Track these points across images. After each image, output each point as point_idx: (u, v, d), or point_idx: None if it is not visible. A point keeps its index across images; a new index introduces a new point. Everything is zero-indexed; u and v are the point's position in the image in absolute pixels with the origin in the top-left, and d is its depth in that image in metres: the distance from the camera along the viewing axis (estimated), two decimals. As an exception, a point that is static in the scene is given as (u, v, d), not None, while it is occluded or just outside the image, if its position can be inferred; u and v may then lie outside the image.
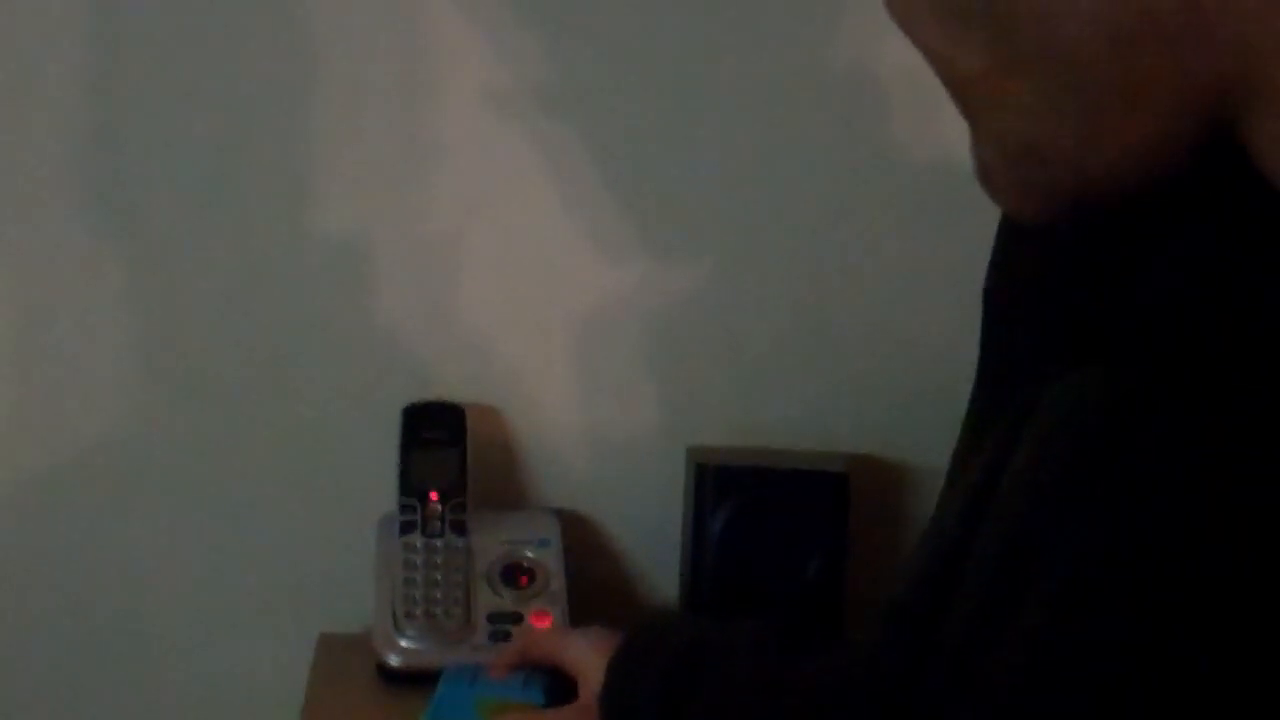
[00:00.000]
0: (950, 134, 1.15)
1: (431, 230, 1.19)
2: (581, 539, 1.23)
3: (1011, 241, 0.66)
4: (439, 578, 1.14)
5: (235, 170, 1.17)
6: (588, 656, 0.99)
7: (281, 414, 1.21)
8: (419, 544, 1.16)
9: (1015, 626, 0.53)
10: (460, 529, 1.17)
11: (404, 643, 1.12)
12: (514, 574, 1.17)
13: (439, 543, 1.16)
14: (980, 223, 1.17)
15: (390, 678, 1.13)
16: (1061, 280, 0.61)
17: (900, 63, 1.15)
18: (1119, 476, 0.52)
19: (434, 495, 1.17)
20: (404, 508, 1.17)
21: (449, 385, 1.21)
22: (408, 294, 1.21)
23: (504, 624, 1.14)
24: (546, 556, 1.18)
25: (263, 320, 1.20)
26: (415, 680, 1.10)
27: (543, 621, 1.13)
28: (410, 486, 1.17)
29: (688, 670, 0.86)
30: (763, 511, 1.17)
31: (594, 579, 1.23)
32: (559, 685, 1.04)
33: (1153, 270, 0.57)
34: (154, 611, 1.24)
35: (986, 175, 0.61)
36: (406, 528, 1.16)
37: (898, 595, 0.65)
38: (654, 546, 1.24)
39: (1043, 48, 0.55)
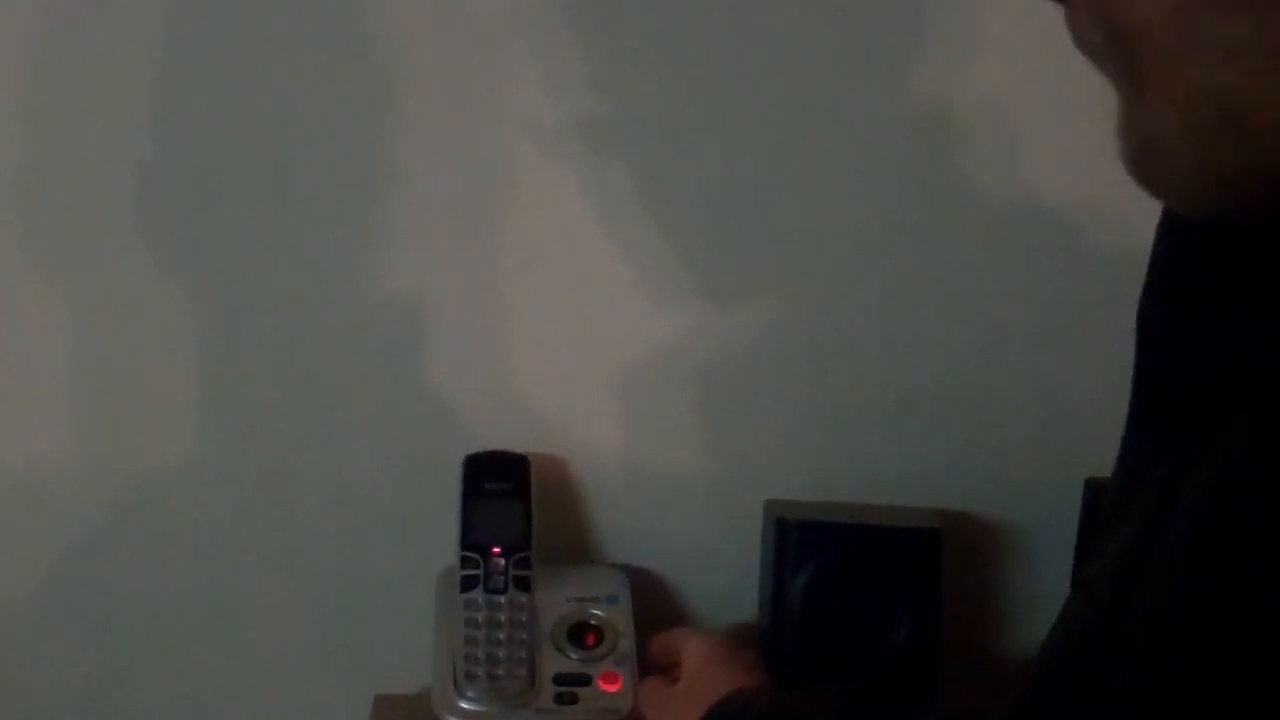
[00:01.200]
0: (1033, 170, 1.14)
1: (491, 278, 1.16)
2: (652, 597, 1.19)
3: (1169, 258, 0.58)
4: (502, 637, 1.10)
5: (294, 224, 1.15)
6: (693, 660, 1.02)
7: (339, 465, 1.18)
8: (481, 601, 1.11)
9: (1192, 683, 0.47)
10: (524, 585, 1.12)
11: (465, 705, 1.08)
12: (581, 633, 1.13)
13: (502, 599, 1.12)
14: (1069, 263, 1.15)
15: (450, 742, 1.08)
16: (1231, 303, 0.54)
17: (979, 97, 1.14)
18: None
19: (497, 549, 1.13)
20: (465, 562, 1.13)
21: (512, 435, 1.17)
22: (468, 342, 1.17)
23: (570, 686, 1.09)
24: (615, 615, 1.14)
25: (320, 369, 1.17)
26: (476, 745, 1.06)
27: (612, 684, 1.08)
28: (472, 540, 1.13)
29: None
30: (849, 570, 1.11)
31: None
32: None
33: None
34: (202, 670, 1.21)
35: (1154, 155, 0.49)
36: (468, 584, 1.12)
37: (1050, 655, 0.58)
38: (730, 606, 1.19)
39: None
